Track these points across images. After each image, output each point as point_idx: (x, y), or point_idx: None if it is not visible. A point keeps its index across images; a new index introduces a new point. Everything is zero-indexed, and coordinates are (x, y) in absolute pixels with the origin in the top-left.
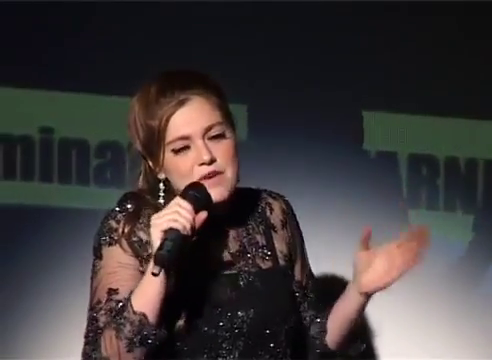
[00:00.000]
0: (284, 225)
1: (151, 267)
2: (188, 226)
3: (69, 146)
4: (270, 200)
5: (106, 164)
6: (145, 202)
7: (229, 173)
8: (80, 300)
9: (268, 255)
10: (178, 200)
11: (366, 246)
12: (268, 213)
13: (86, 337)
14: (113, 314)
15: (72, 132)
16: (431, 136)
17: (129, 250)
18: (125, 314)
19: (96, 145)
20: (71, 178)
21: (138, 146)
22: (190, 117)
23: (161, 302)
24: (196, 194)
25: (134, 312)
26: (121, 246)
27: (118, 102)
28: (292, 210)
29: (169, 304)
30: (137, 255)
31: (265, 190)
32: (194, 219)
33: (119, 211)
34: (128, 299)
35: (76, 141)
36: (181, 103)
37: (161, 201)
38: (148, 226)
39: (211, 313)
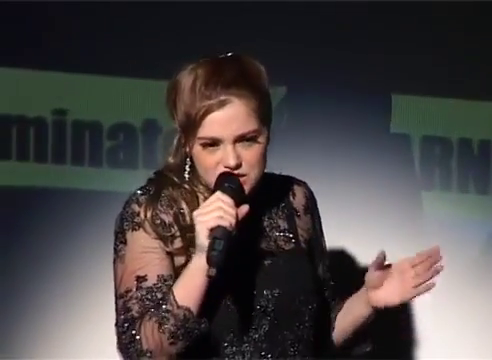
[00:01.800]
0: (306, 210)
1: (194, 262)
2: (233, 222)
3: (82, 128)
4: (293, 186)
5: (119, 146)
6: (167, 182)
7: (252, 176)
8: (92, 284)
9: (290, 238)
10: (219, 195)
11: (379, 268)
12: (291, 198)
13: (121, 326)
14: (149, 305)
15: (85, 114)
16: (444, 118)
17: (153, 233)
18: (168, 307)
19: (109, 127)
20: (84, 160)
21: (175, 123)
22: (226, 121)
23: (204, 294)
24: (232, 185)
25: (178, 306)
26: (145, 230)
27: (131, 84)
28: (313, 197)
29: None
30: (161, 237)
31: (288, 176)
32: (237, 213)
33: (141, 194)
34: (170, 291)
35: (89, 123)
36: (221, 104)
37: (186, 176)
38: (169, 207)
39: (237, 292)
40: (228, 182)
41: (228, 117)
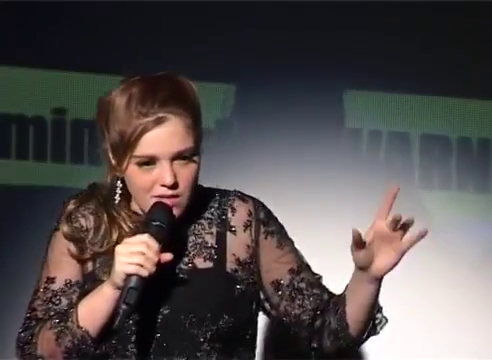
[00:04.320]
0: (247, 228)
1: (105, 290)
2: (153, 271)
3: (81, 127)
4: (236, 202)
5: None
6: (96, 197)
7: (185, 197)
8: None
9: (212, 255)
10: (146, 239)
11: (360, 247)
12: (229, 215)
13: (23, 323)
14: (52, 308)
15: (84, 113)
16: (443, 116)
17: (69, 236)
18: (69, 324)
19: None
20: (83, 158)
21: (105, 143)
22: (163, 139)
23: (107, 320)
24: (162, 224)
25: (78, 326)
26: (63, 232)
27: None
28: (263, 212)
29: None
30: (76, 241)
31: (235, 191)
32: (159, 260)
33: (72, 197)
34: (75, 307)
35: (88, 122)
36: (158, 122)
37: (117, 198)
38: (91, 215)
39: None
40: (160, 218)
41: (166, 134)
